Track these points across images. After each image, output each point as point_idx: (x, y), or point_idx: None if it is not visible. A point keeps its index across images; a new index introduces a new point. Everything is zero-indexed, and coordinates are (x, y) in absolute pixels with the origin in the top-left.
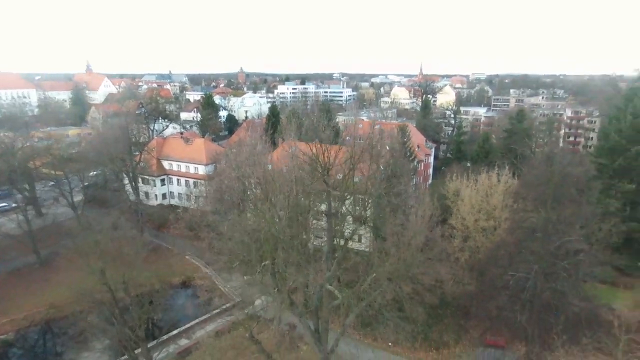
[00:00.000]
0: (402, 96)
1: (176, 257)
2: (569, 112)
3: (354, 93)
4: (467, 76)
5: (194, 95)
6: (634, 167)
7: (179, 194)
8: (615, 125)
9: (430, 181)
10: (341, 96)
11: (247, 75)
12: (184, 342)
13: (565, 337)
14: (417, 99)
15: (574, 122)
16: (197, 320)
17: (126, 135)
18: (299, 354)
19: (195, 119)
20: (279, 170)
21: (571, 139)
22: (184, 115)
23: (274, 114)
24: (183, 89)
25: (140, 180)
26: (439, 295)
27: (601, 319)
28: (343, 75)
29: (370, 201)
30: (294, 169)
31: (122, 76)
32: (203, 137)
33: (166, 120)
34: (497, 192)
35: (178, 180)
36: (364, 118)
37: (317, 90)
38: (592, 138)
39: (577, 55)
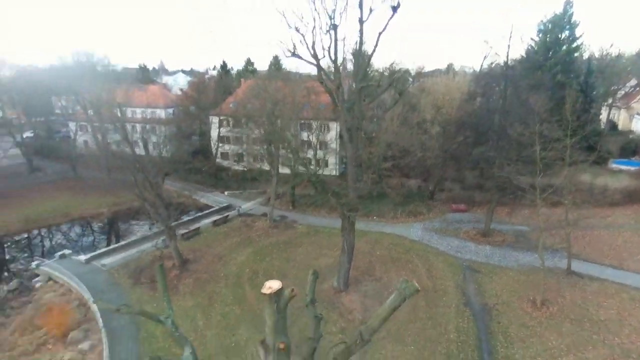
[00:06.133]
0: None
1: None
2: None
3: None
4: None
5: None
6: (544, 81)
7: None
8: (532, 49)
9: None
10: None
11: None
12: (184, 231)
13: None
14: None
15: None
16: (194, 216)
17: None
18: (295, 231)
19: None
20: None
21: None
22: None
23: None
24: None
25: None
26: (406, 190)
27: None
28: None
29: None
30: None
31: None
32: None
33: None
34: (454, 86)
35: (133, 127)
36: None
37: None
38: None
39: None
